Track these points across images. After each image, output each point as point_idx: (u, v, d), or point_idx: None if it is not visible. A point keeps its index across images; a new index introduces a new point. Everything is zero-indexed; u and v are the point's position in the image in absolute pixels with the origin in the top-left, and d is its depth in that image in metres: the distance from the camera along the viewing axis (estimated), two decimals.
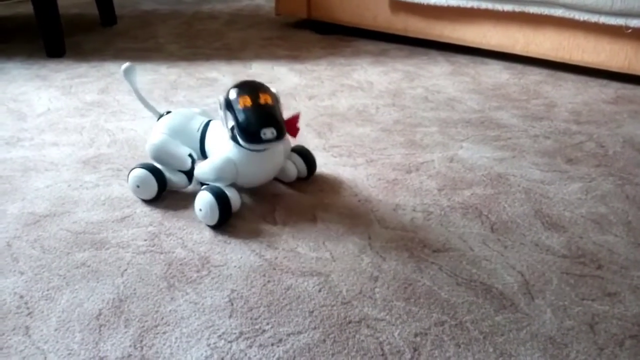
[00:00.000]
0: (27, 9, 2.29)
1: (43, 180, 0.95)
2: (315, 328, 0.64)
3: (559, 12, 1.40)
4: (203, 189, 0.80)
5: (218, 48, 1.74)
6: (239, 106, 0.77)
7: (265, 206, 0.88)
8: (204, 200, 0.80)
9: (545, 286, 0.70)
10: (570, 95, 1.35)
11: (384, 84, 1.43)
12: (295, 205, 0.88)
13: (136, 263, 0.74)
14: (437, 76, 1.49)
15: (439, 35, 1.65)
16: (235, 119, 0.77)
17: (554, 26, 1.45)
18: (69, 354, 0.60)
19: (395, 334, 0.63)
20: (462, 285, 0.70)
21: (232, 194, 0.81)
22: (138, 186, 0.87)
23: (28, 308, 0.67)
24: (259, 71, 1.53)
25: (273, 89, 0.81)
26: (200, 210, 0.80)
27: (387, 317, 0.65)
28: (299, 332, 0.63)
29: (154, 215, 0.85)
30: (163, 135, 0.87)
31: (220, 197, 0.79)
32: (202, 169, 0.84)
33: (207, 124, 0.88)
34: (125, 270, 0.73)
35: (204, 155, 0.89)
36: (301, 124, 1.19)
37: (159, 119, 0.91)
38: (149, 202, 0.88)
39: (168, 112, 0.92)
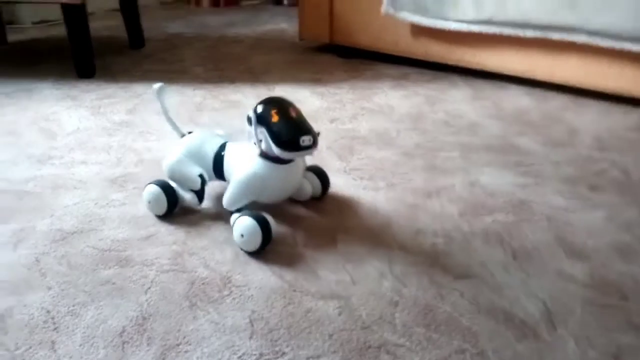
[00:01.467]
0: (59, 31, 2.38)
1: (71, 198, 0.98)
2: (334, 352, 0.64)
3: (582, 39, 1.40)
4: (242, 215, 0.81)
5: (242, 71, 1.78)
6: (272, 119, 0.80)
7: (285, 228, 0.89)
8: (245, 226, 0.79)
9: (568, 316, 0.69)
10: (593, 121, 1.35)
11: (405, 107, 1.45)
12: (316, 227, 0.89)
13: (160, 281, 0.76)
14: (458, 101, 1.49)
15: (460, 60, 1.67)
16: (270, 131, 0.80)
17: (577, 52, 1.45)
18: None
19: None
20: (483, 313, 0.70)
21: (269, 218, 0.81)
22: (149, 202, 0.90)
23: (54, 323, 0.68)
24: (281, 93, 1.55)
25: (294, 105, 0.84)
26: (242, 236, 0.80)
27: (407, 343, 0.65)
28: (319, 356, 0.63)
29: (178, 234, 0.87)
30: (179, 155, 0.90)
31: (262, 222, 0.79)
32: (228, 192, 0.85)
33: (222, 146, 0.90)
34: (149, 288, 0.74)
35: (217, 176, 0.91)
36: (322, 146, 1.20)
37: (181, 137, 0.94)
38: (173, 221, 0.90)
39: (190, 133, 0.94)
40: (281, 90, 1.58)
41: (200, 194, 0.91)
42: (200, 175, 0.89)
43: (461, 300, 0.72)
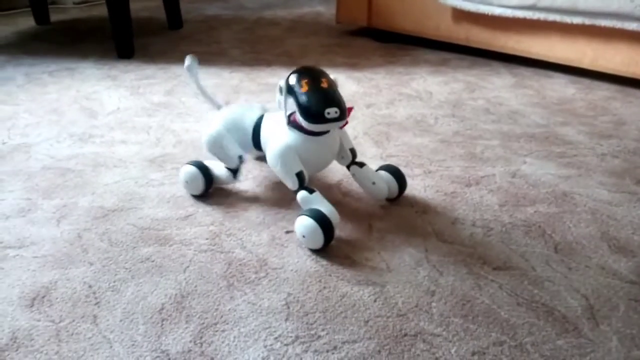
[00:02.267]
0: (100, 11, 2.41)
1: (112, 176, 1.00)
2: (370, 338, 0.64)
3: (633, 26, 1.34)
4: (302, 214, 0.79)
5: (279, 54, 1.77)
6: (301, 90, 0.78)
7: None
8: (305, 226, 0.78)
9: (612, 312, 0.67)
10: None
11: (444, 94, 1.42)
12: (352, 213, 0.89)
13: (198, 261, 0.77)
14: (500, 88, 1.46)
15: (503, 47, 1.62)
16: (297, 102, 0.78)
17: (626, 40, 1.39)
18: (133, 344, 0.63)
19: (452, 351, 0.62)
20: (522, 306, 0.68)
21: (330, 212, 0.79)
22: (186, 181, 0.91)
23: (96, 298, 0.70)
24: None
25: (332, 75, 0.82)
26: (304, 236, 0.79)
27: (444, 333, 0.64)
28: (354, 341, 0.63)
29: (216, 215, 0.88)
30: (219, 127, 0.89)
31: (322, 220, 0.77)
32: (269, 159, 0.83)
33: (260, 117, 0.89)
34: (188, 267, 0.75)
35: (257, 147, 0.90)
36: (359, 131, 1.19)
37: (218, 110, 0.95)
38: (211, 202, 0.91)
39: (227, 104, 0.95)
40: None
41: (236, 172, 0.91)
42: (240, 157, 0.89)
43: (500, 292, 0.71)
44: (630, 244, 0.80)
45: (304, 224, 0.78)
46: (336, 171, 1.02)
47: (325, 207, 0.79)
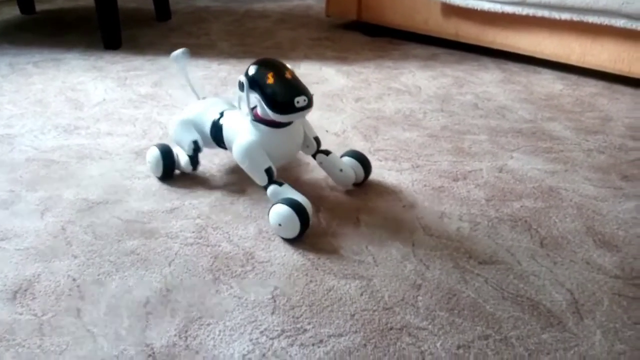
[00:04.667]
0: (86, 1, 2.38)
1: (97, 168, 0.99)
2: (356, 332, 0.64)
3: (620, 23, 1.35)
4: (277, 203, 0.79)
5: (268, 47, 1.76)
6: (267, 82, 0.77)
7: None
8: (281, 214, 0.77)
9: (596, 306, 0.68)
10: (627, 109, 1.30)
11: (433, 88, 1.42)
12: (339, 207, 0.88)
13: (183, 254, 0.76)
14: (488, 83, 1.46)
15: (491, 42, 1.62)
16: (264, 94, 0.77)
17: (613, 37, 1.40)
18: (117, 338, 0.62)
19: (438, 345, 0.62)
20: (508, 300, 0.69)
21: (305, 202, 0.79)
22: (149, 162, 0.94)
23: (80, 291, 0.69)
24: (307, 71, 1.54)
25: (289, 66, 0.82)
26: (280, 225, 0.78)
27: (430, 326, 0.64)
28: (340, 335, 0.63)
29: (202, 208, 0.87)
30: (180, 120, 0.93)
31: (298, 208, 0.77)
32: (235, 155, 0.84)
33: (221, 114, 0.89)
34: (173, 260, 0.75)
35: (219, 144, 0.91)
36: (347, 125, 1.19)
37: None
38: (197, 195, 0.90)
39: (204, 98, 0.96)
40: (307, 67, 1.56)
41: (193, 160, 0.92)
42: (195, 142, 0.90)
43: (486, 286, 0.71)
44: (615, 239, 0.81)
45: (279, 212, 0.77)
46: None
47: (299, 197, 0.79)
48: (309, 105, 0.78)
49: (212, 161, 1.02)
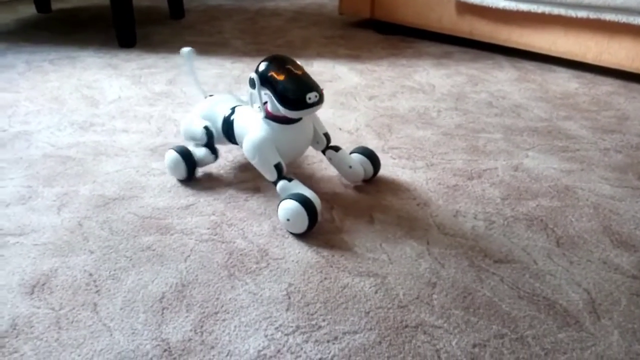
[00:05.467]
0: (101, 0, 2.40)
1: (113, 165, 1.00)
2: (371, 329, 0.63)
3: (638, 20, 1.33)
4: (286, 198, 0.79)
5: (281, 45, 1.76)
6: (276, 79, 0.78)
7: (323, 204, 0.88)
8: (290, 209, 0.78)
9: (613, 306, 0.67)
10: None
11: (447, 87, 1.41)
12: (353, 205, 0.88)
13: (199, 250, 0.76)
14: (503, 81, 1.45)
15: (506, 40, 1.61)
16: (276, 91, 0.78)
17: (631, 34, 1.38)
18: (133, 333, 0.63)
19: (453, 343, 0.62)
20: (524, 299, 0.68)
21: (313, 197, 0.79)
22: (170, 167, 0.93)
23: (96, 286, 0.70)
24: (320, 69, 1.54)
25: (298, 62, 0.82)
26: (288, 220, 0.79)
27: (445, 325, 0.64)
28: (355, 332, 0.63)
29: (217, 205, 0.87)
30: (193, 116, 0.93)
31: (307, 204, 0.77)
32: (245, 150, 0.84)
33: (232, 109, 0.90)
34: (189, 256, 0.75)
35: (230, 139, 0.91)
36: (361, 123, 1.19)
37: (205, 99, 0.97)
38: (212, 192, 0.91)
39: (211, 95, 0.96)
40: (320, 65, 1.56)
41: (211, 148, 0.92)
42: (206, 127, 0.90)
43: (501, 284, 0.71)
44: (633, 239, 0.80)
45: (288, 207, 0.78)
46: None
47: (308, 192, 0.80)
48: (320, 101, 0.78)
49: (226, 158, 1.02)
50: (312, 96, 0.77)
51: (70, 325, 0.64)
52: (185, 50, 0.95)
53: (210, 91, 0.99)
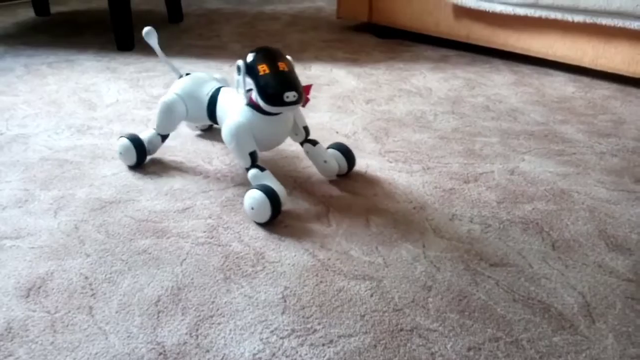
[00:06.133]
0: (100, 3, 2.40)
1: (110, 168, 1.00)
2: (366, 332, 0.64)
3: (635, 25, 1.34)
4: (252, 188, 0.82)
5: (279, 49, 1.77)
6: (261, 71, 0.80)
7: (319, 207, 0.88)
8: (254, 198, 0.81)
9: (608, 310, 0.67)
10: None
11: (444, 90, 1.41)
12: (349, 208, 0.88)
13: (195, 253, 0.77)
14: (499, 85, 1.45)
15: (503, 44, 1.61)
16: (257, 83, 0.80)
17: (627, 39, 1.39)
18: (128, 336, 0.63)
19: (448, 346, 0.62)
20: (519, 302, 0.68)
21: (279, 189, 0.82)
22: (120, 153, 0.98)
23: (92, 289, 0.70)
24: (317, 73, 1.54)
25: (289, 57, 0.84)
26: (252, 208, 0.82)
27: (440, 328, 0.64)
28: (350, 335, 0.63)
29: (213, 208, 0.87)
30: (174, 95, 0.95)
31: (271, 194, 0.80)
32: (224, 136, 0.86)
33: (217, 90, 0.93)
34: (185, 259, 0.75)
35: (211, 119, 0.94)
36: (358, 127, 1.19)
37: (179, 78, 0.99)
38: (209, 195, 0.91)
39: (187, 74, 0.98)
40: (317, 69, 1.57)
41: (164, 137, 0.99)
42: (164, 136, 0.97)
43: (496, 288, 0.71)
44: (628, 242, 0.80)
45: (253, 196, 0.81)
46: None
47: (275, 184, 0.83)
48: (298, 100, 0.80)
49: (223, 162, 1.03)
50: (290, 95, 0.79)
51: (65, 329, 0.64)
52: (145, 30, 0.97)
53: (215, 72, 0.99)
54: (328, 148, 0.96)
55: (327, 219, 0.85)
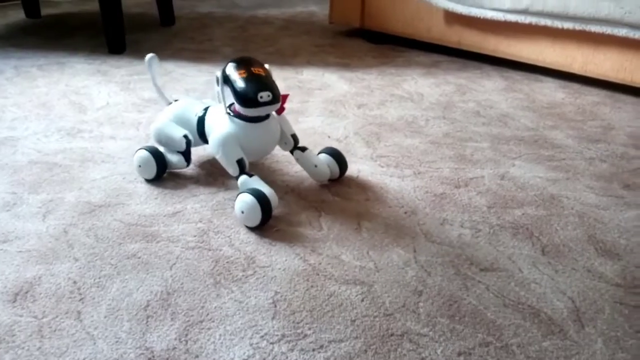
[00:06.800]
0: (91, 6, 2.39)
1: (100, 172, 0.99)
2: (356, 337, 0.63)
3: (622, 32, 1.35)
4: (243, 192, 0.82)
5: (271, 53, 1.77)
6: (236, 77, 0.82)
7: (311, 212, 0.88)
8: (245, 202, 0.81)
9: (597, 315, 0.68)
10: (630, 118, 1.30)
11: (435, 96, 1.42)
12: (341, 212, 0.88)
13: (185, 258, 0.76)
14: (490, 91, 1.46)
15: (494, 50, 1.63)
16: (233, 89, 0.82)
17: (616, 46, 1.40)
18: (117, 341, 0.62)
19: (438, 351, 0.62)
20: (509, 307, 0.68)
21: (270, 194, 0.83)
22: (140, 166, 0.95)
23: (80, 294, 0.69)
24: (309, 77, 1.54)
25: (266, 65, 0.86)
26: (242, 212, 0.82)
27: (431, 333, 0.64)
28: (341, 340, 0.63)
29: (204, 212, 0.87)
30: (165, 119, 0.95)
31: (261, 198, 0.80)
32: (211, 146, 0.88)
33: (205, 109, 0.94)
34: (174, 264, 0.75)
35: (202, 138, 0.94)
36: (350, 131, 1.19)
37: (167, 105, 0.99)
38: (199, 199, 0.90)
39: (176, 100, 0.99)
40: (309, 73, 1.57)
41: (186, 155, 0.94)
42: (185, 136, 0.92)
43: (487, 293, 0.71)
44: (617, 247, 0.81)
45: (244, 200, 0.81)
46: None
47: (265, 189, 0.83)
48: (273, 101, 0.82)
49: (214, 165, 1.02)
50: (264, 95, 0.81)
51: (53, 334, 0.63)
52: (148, 57, 0.98)
53: (199, 98, 1.00)
54: (320, 153, 0.97)
55: (319, 224, 0.85)
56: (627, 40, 1.37)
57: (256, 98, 0.80)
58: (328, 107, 1.33)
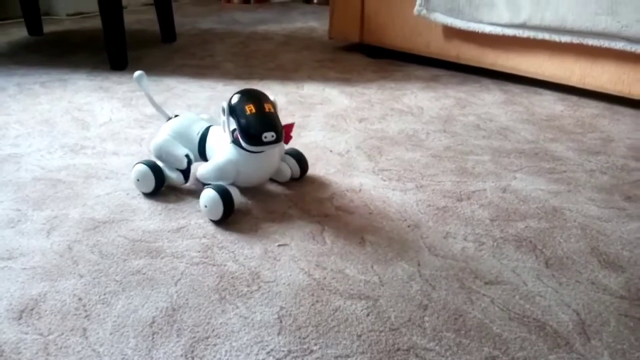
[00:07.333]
0: (93, 23, 2.42)
1: (103, 188, 1.00)
2: (363, 352, 0.63)
3: (619, 45, 1.37)
4: (207, 187, 0.87)
5: (272, 68, 1.79)
6: (243, 113, 0.85)
7: (314, 226, 0.89)
8: (209, 196, 0.86)
9: (603, 327, 0.68)
10: (629, 130, 1.31)
11: (435, 109, 1.43)
12: (344, 226, 0.89)
13: (189, 273, 0.76)
14: (490, 104, 1.47)
15: (492, 64, 1.64)
16: (239, 123, 0.85)
17: (613, 59, 1.42)
18: (123, 358, 0.62)
19: None
20: (514, 321, 0.69)
21: (233, 191, 0.87)
22: (138, 180, 0.96)
23: (86, 310, 0.69)
24: (310, 92, 1.55)
25: (272, 97, 0.89)
26: (206, 206, 0.87)
27: (437, 347, 0.64)
28: (347, 356, 0.63)
29: (208, 227, 0.87)
30: (166, 135, 0.96)
31: (224, 193, 0.85)
32: (205, 170, 0.92)
33: (207, 129, 0.96)
34: (179, 280, 0.75)
35: (202, 157, 0.97)
36: (351, 145, 1.20)
37: (167, 120, 1.00)
38: (203, 215, 0.91)
39: (176, 116, 1.00)
40: (310, 88, 1.58)
41: (186, 173, 0.96)
42: (187, 155, 0.94)
43: (492, 306, 0.71)
44: (620, 259, 0.81)
45: (207, 194, 0.87)
46: (328, 185, 1.02)
47: (231, 187, 0.88)
48: (276, 140, 0.86)
49: None
50: (268, 135, 0.85)
51: (58, 351, 0.63)
52: (136, 74, 0.99)
53: (201, 113, 1.01)
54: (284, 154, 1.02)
55: (322, 238, 0.85)
56: (624, 54, 1.39)
57: (260, 137, 0.84)
58: (329, 121, 1.34)
